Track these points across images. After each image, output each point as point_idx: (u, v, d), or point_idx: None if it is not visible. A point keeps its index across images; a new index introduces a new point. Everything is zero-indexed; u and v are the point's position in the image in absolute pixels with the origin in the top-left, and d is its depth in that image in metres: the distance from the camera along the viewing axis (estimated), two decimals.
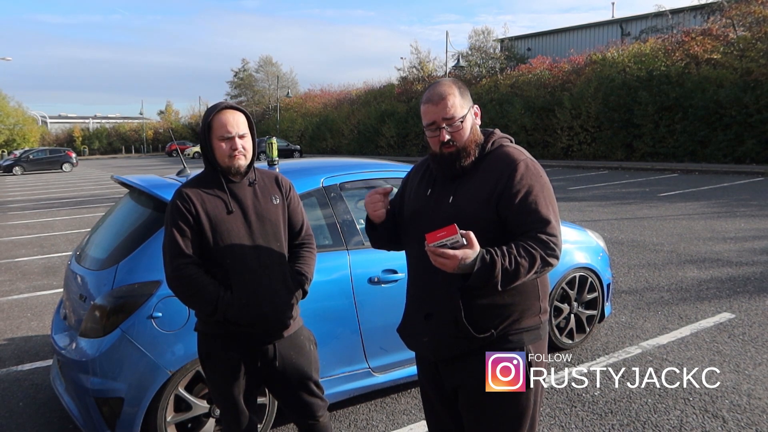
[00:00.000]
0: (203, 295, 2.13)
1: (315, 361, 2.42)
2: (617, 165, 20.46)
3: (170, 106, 77.56)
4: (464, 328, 1.83)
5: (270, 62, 61.32)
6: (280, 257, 2.29)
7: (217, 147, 2.20)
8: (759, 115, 18.03)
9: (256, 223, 2.23)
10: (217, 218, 2.18)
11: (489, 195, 1.82)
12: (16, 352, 4.64)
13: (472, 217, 1.83)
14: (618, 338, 4.41)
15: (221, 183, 2.23)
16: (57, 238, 10.18)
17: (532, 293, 1.88)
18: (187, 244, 2.14)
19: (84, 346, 2.81)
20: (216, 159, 2.22)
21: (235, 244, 2.18)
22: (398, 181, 3.81)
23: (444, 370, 1.95)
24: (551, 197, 1.84)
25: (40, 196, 18.88)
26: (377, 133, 35.33)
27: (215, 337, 2.25)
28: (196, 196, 2.19)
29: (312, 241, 2.45)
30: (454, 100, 1.88)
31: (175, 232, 2.14)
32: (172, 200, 2.21)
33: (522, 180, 1.80)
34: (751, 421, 3.14)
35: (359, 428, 3.24)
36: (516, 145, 1.98)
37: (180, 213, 2.16)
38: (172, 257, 2.14)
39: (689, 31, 22.46)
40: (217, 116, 2.19)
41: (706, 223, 8.99)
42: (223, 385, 2.28)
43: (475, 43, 34.91)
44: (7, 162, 35.27)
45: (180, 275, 2.13)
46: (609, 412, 3.31)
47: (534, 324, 1.90)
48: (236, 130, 2.19)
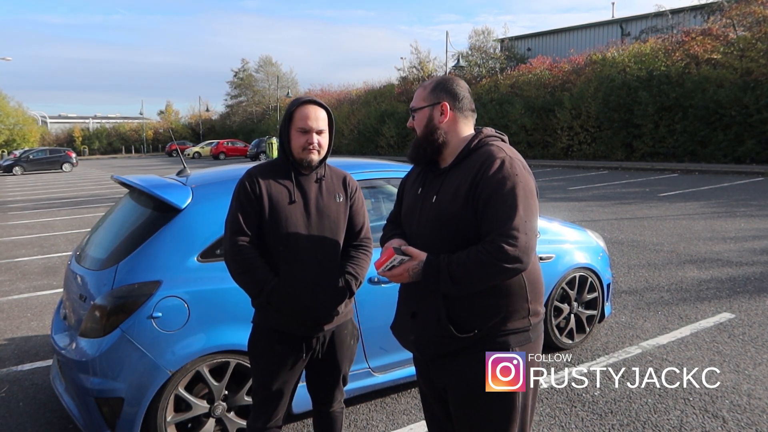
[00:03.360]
0: (253, 274, 2.20)
1: (352, 355, 2.48)
2: (617, 165, 20.46)
3: (170, 106, 77.64)
4: (446, 327, 1.84)
5: (270, 62, 61.35)
6: (333, 254, 2.32)
7: (294, 138, 2.27)
8: (759, 115, 18.03)
9: (315, 216, 2.28)
10: (279, 205, 2.24)
11: (466, 193, 1.82)
12: (16, 352, 4.64)
13: (452, 215, 1.84)
14: (618, 338, 4.41)
15: (290, 173, 2.30)
16: (57, 238, 10.18)
17: (518, 294, 1.85)
18: (249, 223, 2.22)
19: (84, 346, 2.81)
20: (291, 149, 2.28)
21: (290, 234, 2.24)
22: (398, 182, 3.82)
23: (433, 369, 1.97)
24: (525, 198, 1.77)
25: (40, 196, 18.88)
26: (377, 133, 35.33)
27: (268, 330, 2.31)
28: (264, 178, 2.27)
29: (370, 244, 2.47)
30: (419, 93, 2.00)
31: (239, 209, 2.23)
32: (242, 179, 2.30)
33: (493, 177, 1.78)
34: (752, 421, 3.14)
35: (359, 428, 3.24)
36: (503, 144, 1.95)
37: (246, 192, 2.24)
38: (233, 233, 2.22)
39: (689, 31, 22.47)
40: (300, 108, 2.26)
41: (706, 223, 8.99)
42: (265, 376, 2.31)
43: (475, 43, 34.96)
44: (7, 162, 35.25)
45: (236, 252, 2.20)
46: (609, 412, 3.31)
47: (522, 326, 1.87)
48: (316, 125, 2.26)
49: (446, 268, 1.77)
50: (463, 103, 1.97)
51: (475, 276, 1.74)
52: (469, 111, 2.00)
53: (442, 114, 1.95)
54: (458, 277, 1.75)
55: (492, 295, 1.82)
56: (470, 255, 1.74)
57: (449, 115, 1.95)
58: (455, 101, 1.96)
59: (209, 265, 2.88)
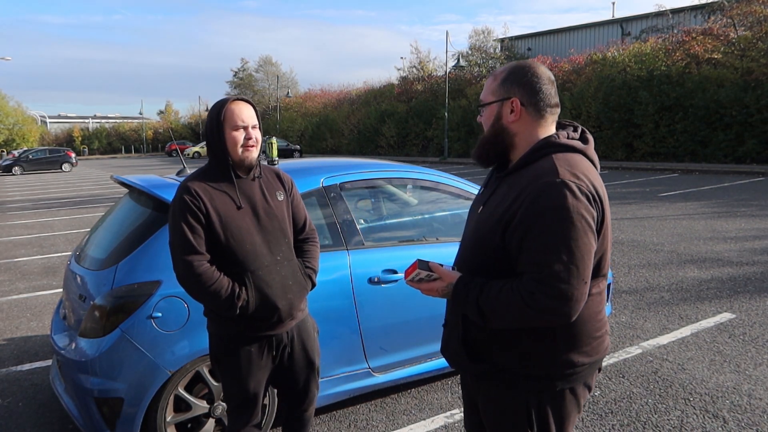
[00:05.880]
0: (219, 292, 2.10)
1: (318, 347, 2.49)
2: (617, 165, 20.45)
3: (170, 106, 77.60)
4: (459, 349, 1.68)
5: (270, 62, 61.32)
6: (288, 252, 2.30)
7: (229, 137, 2.14)
8: (759, 115, 18.03)
9: (264, 219, 2.22)
10: (227, 214, 2.13)
11: (501, 215, 1.54)
12: (15, 352, 4.63)
13: (484, 237, 1.59)
14: (618, 338, 4.41)
15: (230, 177, 2.18)
16: (56, 238, 10.18)
17: (545, 335, 1.55)
18: (198, 241, 2.09)
19: (84, 346, 2.81)
20: (228, 150, 2.16)
21: (246, 241, 2.16)
22: (398, 181, 3.82)
23: (464, 378, 1.85)
24: (574, 237, 1.43)
25: (39, 196, 18.88)
26: (377, 133, 35.33)
27: (228, 337, 2.25)
28: (204, 191, 2.13)
29: (315, 236, 2.49)
30: (488, 84, 1.67)
31: (185, 228, 2.08)
32: (178, 195, 2.13)
33: (534, 205, 1.46)
34: (752, 422, 3.13)
35: (359, 428, 3.24)
36: (572, 156, 1.56)
37: (189, 209, 2.09)
38: (183, 254, 2.08)
39: (690, 30, 22.45)
40: (230, 107, 2.16)
41: (706, 223, 8.99)
42: (238, 382, 2.26)
43: (475, 43, 34.99)
44: (7, 162, 35.20)
45: (193, 273, 2.08)
46: (609, 412, 3.30)
47: (548, 373, 1.58)
48: (250, 121, 2.18)
49: (475, 299, 1.53)
50: (541, 97, 1.59)
51: (505, 316, 1.50)
52: (549, 107, 1.61)
53: (512, 112, 1.61)
54: (487, 312, 1.52)
55: (510, 329, 1.57)
56: (502, 291, 1.49)
57: (521, 113, 1.60)
58: (531, 96, 1.59)
59: None
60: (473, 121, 27.35)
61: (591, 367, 1.63)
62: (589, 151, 1.63)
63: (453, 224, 3.83)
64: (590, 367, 1.63)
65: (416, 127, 32.96)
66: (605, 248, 1.57)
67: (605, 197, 1.55)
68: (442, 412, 3.36)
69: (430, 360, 3.47)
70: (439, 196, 3.92)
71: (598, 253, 1.54)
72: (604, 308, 1.66)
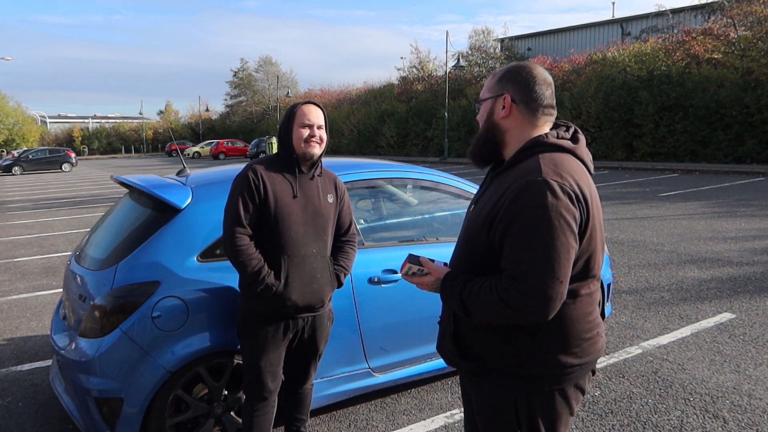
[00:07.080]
0: (247, 266, 2.37)
1: (328, 335, 2.72)
2: (617, 165, 20.45)
3: (170, 106, 77.58)
4: (450, 346, 1.69)
5: (270, 62, 61.31)
6: (324, 249, 2.55)
7: (296, 132, 2.44)
8: (760, 115, 18.03)
9: (312, 213, 2.48)
10: (283, 200, 2.41)
11: (487, 214, 1.56)
12: (15, 352, 4.63)
13: (473, 235, 1.61)
14: (618, 338, 4.41)
15: (293, 168, 2.47)
16: (56, 238, 10.17)
17: (529, 335, 1.56)
18: (246, 216, 2.38)
19: (84, 346, 2.81)
20: (293, 144, 2.45)
21: (292, 228, 2.42)
22: (398, 181, 3.82)
23: (461, 374, 1.86)
24: (552, 237, 1.43)
25: (39, 196, 18.88)
26: (377, 133, 35.33)
27: (254, 313, 2.50)
28: (267, 174, 2.41)
29: (356, 240, 2.77)
30: (488, 82, 1.70)
31: (240, 201, 2.38)
32: (243, 172, 2.42)
33: (514, 204, 1.47)
34: (752, 422, 3.13)
35: (359, 428, 3.24)
36: (560, 156, 1.56)
37: (249, 186, 2.38)
38: (231, 224, 2.38)
39: (690, 30, 22.45)
40: (301, 107, 2.49)
41: (706, 223, 8.99)
42: (256, 355, 2.50)
43: (475, 43, 34.96)
44: (7, 162, 35.19)
45: (232, 242, 2.37)
46: (609, 412, 3.30)
47: (533, 373, 1.57)
48: (316, 121, 2.47)
49: (459, 295, 1.56)
50: (534, 97, 1.61)
51: (485, 313, 1.52)
52: (542, 108, 1.62)
53: (503, 108, 1.62)
54: (470, 307, 1.54)
55: (497, 327, 1.58)
56: (482, 287, 1.51)
57: (511, 110, 1.61)
58: (523, 94, 1.61)
59: (209, 265, 2.87)
60: (473, 121, 27.33)
61: (582, 369, 1.62)
62: (579, 150, 1.63)
63: (453, 224, 3.82)
64: (581, 369, 1.61)
65: (416, 127, 32.96)
66: (593, 249, 1.55)
67: (593, 197, 1.55)
68: (442, 412, 3.36)
69: (430, 360, 3.47)
70: (439, 196, 3.92)
71: (585, 254, 1.53)
72: (595, 310, 1.64)
